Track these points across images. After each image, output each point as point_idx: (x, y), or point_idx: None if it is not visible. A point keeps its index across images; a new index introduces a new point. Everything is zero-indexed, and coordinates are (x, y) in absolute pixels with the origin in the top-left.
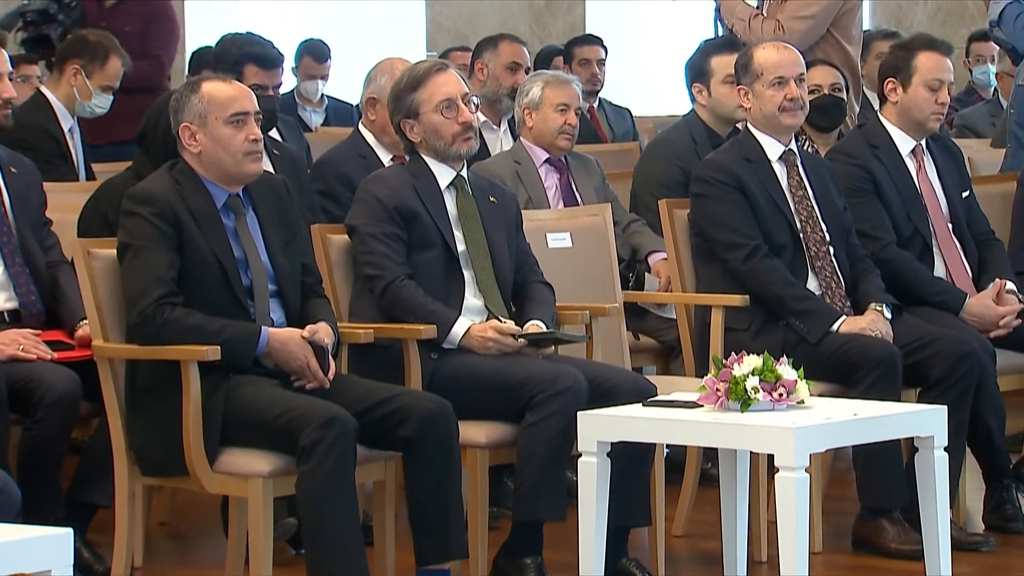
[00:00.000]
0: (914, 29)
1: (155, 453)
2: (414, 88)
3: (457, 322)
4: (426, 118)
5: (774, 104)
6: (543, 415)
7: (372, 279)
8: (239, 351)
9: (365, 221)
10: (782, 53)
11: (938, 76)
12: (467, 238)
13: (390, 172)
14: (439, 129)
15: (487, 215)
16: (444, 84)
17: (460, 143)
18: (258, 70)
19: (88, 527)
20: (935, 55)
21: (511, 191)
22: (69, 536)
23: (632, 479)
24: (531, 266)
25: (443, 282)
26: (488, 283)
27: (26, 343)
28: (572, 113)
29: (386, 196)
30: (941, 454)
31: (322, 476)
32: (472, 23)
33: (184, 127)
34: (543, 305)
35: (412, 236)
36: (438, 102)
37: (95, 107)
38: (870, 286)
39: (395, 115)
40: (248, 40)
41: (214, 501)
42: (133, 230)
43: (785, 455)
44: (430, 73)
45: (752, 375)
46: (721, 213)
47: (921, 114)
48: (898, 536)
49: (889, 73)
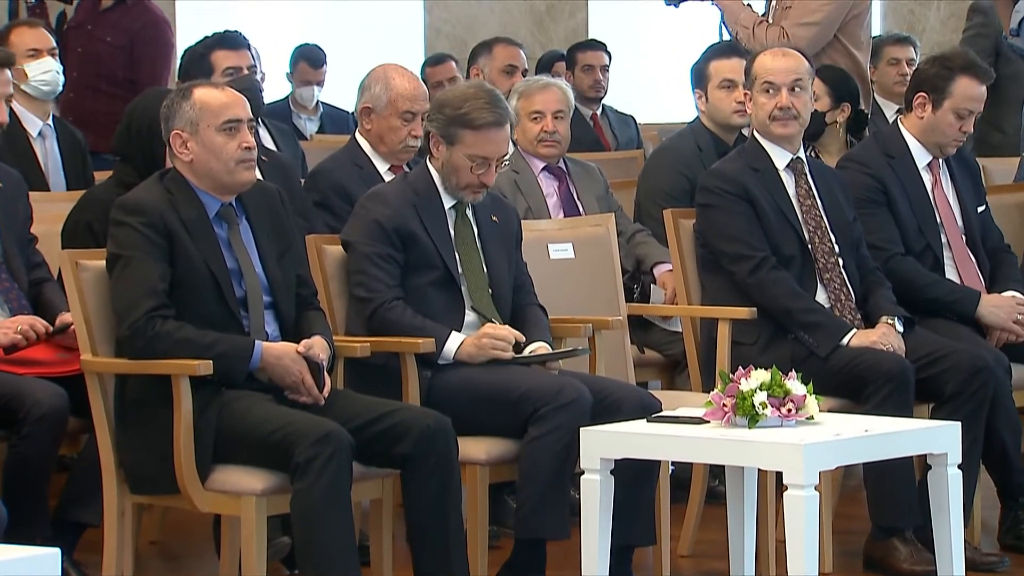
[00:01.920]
0: (926, 34)
1: (145, 470)
2: (469, 127)
3: (450, 337)
4: (457, 155)
5: (765, 112)
6: (546, 429)
7: (362, 301)
8: (232, 365)
9: (360, 239)
10: (777, 60)
11: (970, 106)
12: (463, 264)
13: (391, 189)
14: (460, 173)
15: (488, 237)
16: (493, 143)
17: (471, 193)
18: (226, 52)
19: (76, 547)
20: (974, 83)
21: (512, 206)
22: (56, 556)
23: (636, 497)
24: (527, 288)
25: (443, 303)
26: (486, 307)
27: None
28: (548, 119)
29: (385, 217)
30: (955, 471)
31: (317, 494)
32: (471, 28)
33: (175, 135)
34: (543, 330)
35: (410, 258)
36: (477, 155)
37: (39, 80)
38: (881, 298)
39: (433, 122)
40: (212, 36)
41: (206, 520)
42: (123, 240)
43: (794, 472)
44: (490, 126)
45: (760, 390)
46: (727, 224)
47: (943, 138)
48: (910, 556)
49: (923, 87)
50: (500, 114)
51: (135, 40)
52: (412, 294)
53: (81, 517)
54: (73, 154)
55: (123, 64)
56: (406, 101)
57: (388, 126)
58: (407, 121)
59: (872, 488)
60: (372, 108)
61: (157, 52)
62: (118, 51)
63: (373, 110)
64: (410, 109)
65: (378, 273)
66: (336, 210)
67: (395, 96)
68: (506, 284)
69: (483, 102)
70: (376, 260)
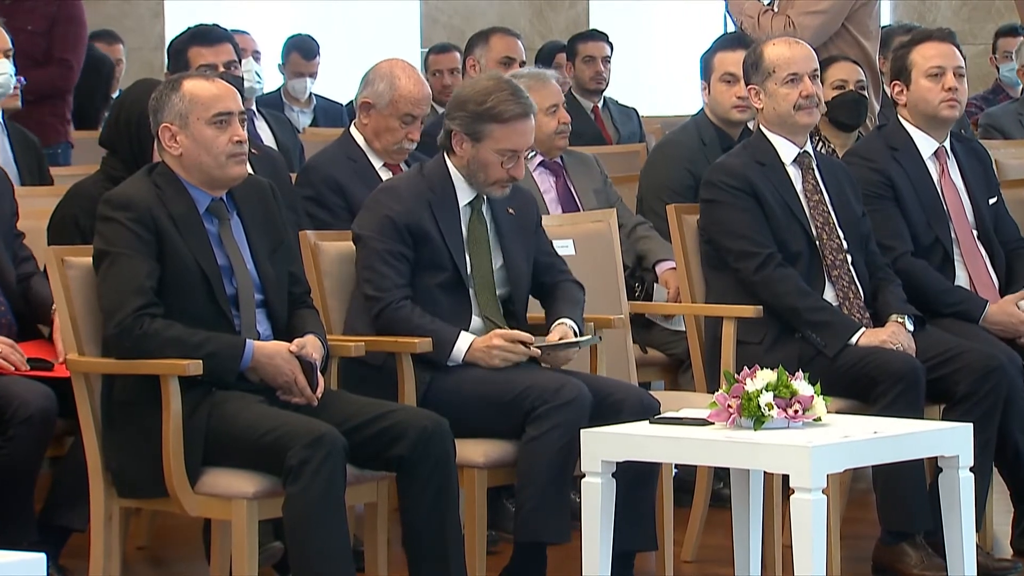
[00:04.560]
0: (937, 24)
1: (133, 473)
2: (496, 121)
3: (459, 338)
4: (484, 151)
5: (789, 103)
6: (545, 428)
7: (370, 299)
8: (222, 365)
9: (372, 234)
10: (794, 48)
11: (936, 63)
12: (472, 263)
13: (406, 183)
14: (489, 169)
15: (505, 232)
16: (522, 134)
17: (499, 188)
18: (200, 48)
19: (62, 552)
20: (930, 44)
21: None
22: (41, 562)
23: (638, 501)
24: (557, 266)
25: (450, 306)
26: (493, 312)
27: (4, 350)
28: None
29: (397, 213)
30: (967, 475)
31: (310, 498)
32: (469, 18)
33: (164, 128)
34: (573, 306)
35: (421, 257)
36: (507, 149)
37: None
38: (890, 296)
39: (455, 120)
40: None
41: (196, 524)
42: (110, 237)
43: (801, 475)
44: (517, 118)
45: (766, 391)
46: (732, 220)
47: (929, 105)
48: (921, 562)
49: (893, 77)
50: (525, 104)
51: (55, 21)
52: (419, 294)
53: (67, 522)
54: (26, 152)
55: (43, 48)
56: (409, 104)
57: (386, 126)
58: (406, 124)
59: (881, 492)
60: (373, 104)
61: (70, 29)
62: (40, 37)
63: (373, 106)
64: (411, 112)
65: (388, 271)
66: (330, 205)
67: (398, 97)
68: (524, 280)
69: (507, 94)
70: (387, 257)
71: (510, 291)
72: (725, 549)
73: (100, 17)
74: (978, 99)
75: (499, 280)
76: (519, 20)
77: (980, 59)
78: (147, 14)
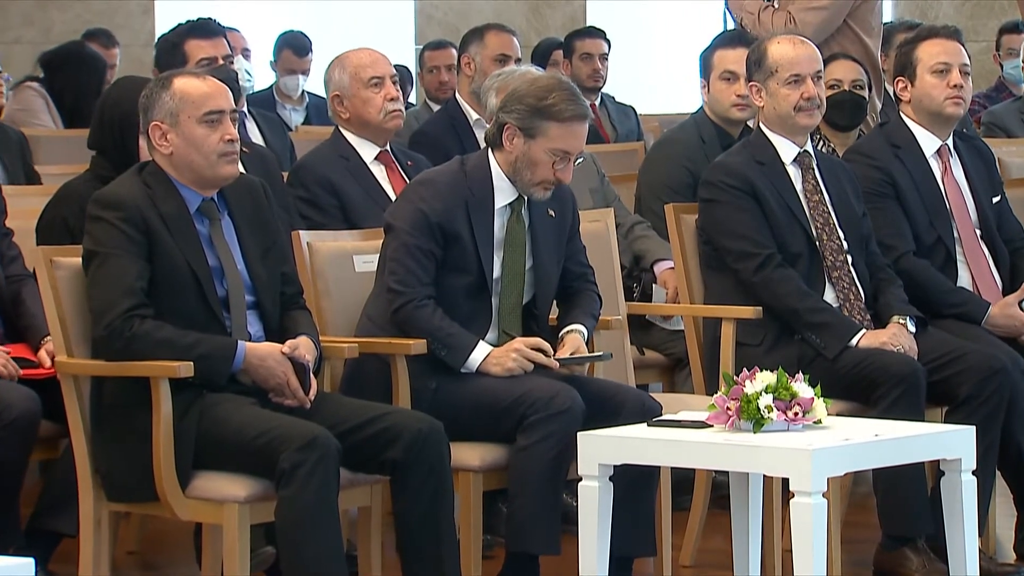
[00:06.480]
0: (939, 20)
1: (123, 477)
2: (554, 119)
3: (477, 347)
4: (536, 148)
5: (790, 103)
6: (535, 439)
7: (392, 292)
8: (214, 367)
9: (404, 226)
10: (798, 49)
11: (941, 60)
12: (504, 264)
13: (446, 179)
14: (538, 168)
15: (539, 234)
16: (577, 137)
17: (542, 190)
18: (200, 41)
19: (51, 557)
20: (936, 40)
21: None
22: (30, 567)
23: (636, 505)
24: (587, 276)
25: (469, 310)
26: (512, 321)
27: None
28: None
29: (432, 209)
30: (969, 478)
31: (303, 502)
32: (464, 15)
33: (154, 126)
34: (588, 316)
35: (448, 256)
36: (560, 149)
37: None
38: (892, 297)
39: (510, 113)
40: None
41: (186, 529)
42: (100, 237)
43: (801, 479)
44: (575, 119)
45: (765, 393)
46: (732, 220)
47: (934, 102)
48: (923, 566)
49: (897, 73)
50: (583, 108)
51: None
52: (440, 295)
53: (56, 526)
54: (8, 148)
55: None
56: (367, 68)
57: (361, 101)
58: (376, 87)
59: (882, 495)
60: (340, 94)
61: None
62: None
63: (342, 95)
64: (373, 75)
65: (415, 267)
66: (323, 205)
67: (354, 69)
68: (551, 284)
69: (568, 94)
70: (415, 252)
71: (535, 294)
72: (724, 553)
73: (90, 14)
74: (981, 97)
75: (527, 282)
76: (515, 17)
77: (983, 56)
78: (137, 11)
